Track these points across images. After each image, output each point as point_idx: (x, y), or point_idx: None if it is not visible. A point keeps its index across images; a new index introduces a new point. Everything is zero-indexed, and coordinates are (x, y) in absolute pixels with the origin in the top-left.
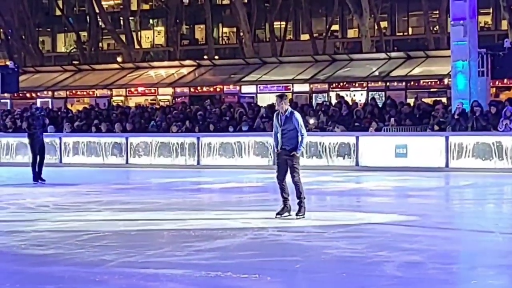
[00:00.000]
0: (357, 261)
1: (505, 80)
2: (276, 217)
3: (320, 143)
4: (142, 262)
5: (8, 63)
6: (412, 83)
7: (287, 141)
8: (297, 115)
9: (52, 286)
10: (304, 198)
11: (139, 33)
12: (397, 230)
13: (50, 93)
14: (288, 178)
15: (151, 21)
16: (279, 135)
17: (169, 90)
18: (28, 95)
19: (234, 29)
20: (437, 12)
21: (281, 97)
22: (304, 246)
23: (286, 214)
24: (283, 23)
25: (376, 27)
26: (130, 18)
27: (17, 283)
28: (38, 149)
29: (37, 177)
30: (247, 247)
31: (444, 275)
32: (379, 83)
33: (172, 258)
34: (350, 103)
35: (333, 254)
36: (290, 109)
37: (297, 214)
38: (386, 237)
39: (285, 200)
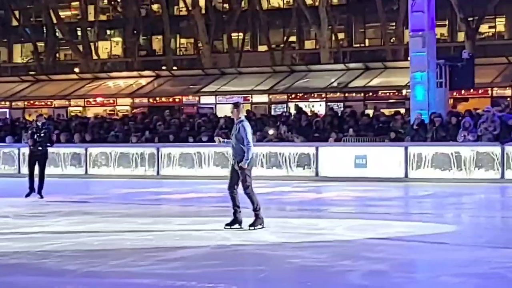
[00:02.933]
0: (322, 270)
1: (463, 91)
2: (225, 228)
3: (280, 153)
4: (106, 272)
5: None
6: (370, 94)
7: (236, 151)
8: (245, 124)
9: None
10: (259, 209)
11: (96, 43)
12: (360, 240)
13: (7, 103)
14: (240, 189)
15: (108, 31)
16: (232, 144)
17: (128, 101)
18: None
19: (192, 40)
20: (394, 23)
21: (235, 104)
22: (267, 256)
23: (237, 226)
24: (241, 34)
25: (334, 38)
26: (88, 28)
27: None
28: (33, 162)
29: (38, 190)
30: (211, 256)
31: (409, 284)
32: (338, 94)
33: (136, 268)
34: (309, 114)
35: (297, 263)
36: (242, 118)
37: (250, 225)
38: (350, 247)
39: (235, 211)
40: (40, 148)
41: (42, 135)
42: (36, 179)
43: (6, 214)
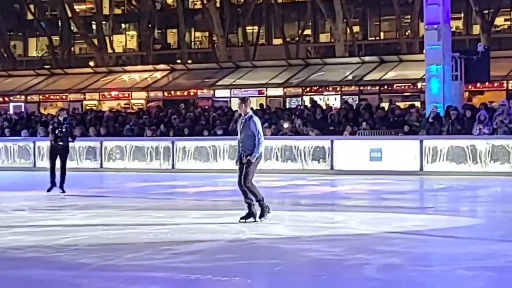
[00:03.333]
0: (336, 263)
1: (478, 84)
2: (240, 221)
3: (295, 146)
4: (121, 265)
5: None
6: (385, 87)
7: (246, 146)
8: (255, 119)
9: None
10: (263, 199)
11: (111, 37)
12: (374, 233)
13: (23, 97)
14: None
15: (123, 25)
16: (238, 140)
17: (143, 94)
18: (0, 99)
19: (207, 34)
20: (409, 16)
21: (242, 99)
22: (282, 249)
23: (251, 219)
24: (256, 27)
25: (348, 32)
26: (103, 22)
27: None
28: (54, 157)
29: (59, 185)
30: (226, 250)
31: (423, 277)
32: (353, 87)
33: (151, 261)
34: (324, 107)
35: (312, 256)
36: (250, 113)
37: (260, 217)
38: (364, 240)
39: (249, 205)
40: (61, 143)
41: (63, 130)
42: (58, 174)
43: (21, 207)
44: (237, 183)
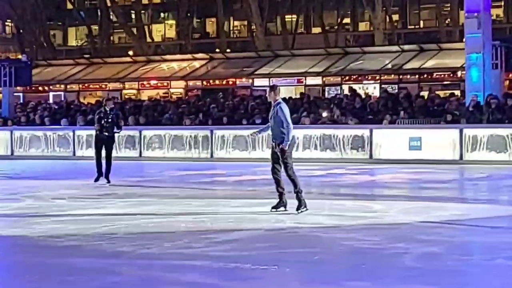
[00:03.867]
0: (375, 252)
1: None
2: (271, 210)
3: (333, 135)
4: (160, 253)
5: (20, 56)
6: (425, 75)
7: (276, 134)
8: (283, 106)
9: (72, 278)
10: (301, 191)
11: (150, 26)
12: (414, 222)
13: (62, 86)
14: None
15: (162, 14)
16: (270, 127)
17: (182, 83)
18: (40, 88)
19: (245, 23)
20: (449, 5)
21: (271, 87)
22: (321, 238)
23: (282, 209)
24: (294, 16)
25: (388, 20)
26: (142, 11)
27: (36, 274)
28: (100, 147)
29: (105, 175)
30: (265, 239)
31: (463, 266)
32: (392, 76)
33: (190, 249)
34: (363, 96)
35: (351, 245)
36: (279, 100)
37: (297, 209)
38: (403, 229)
39: (280, 194)
40: (106, 133)
41: (109, 120)
42: (104, 163)
43: (61, 196)
44: (270, 171)
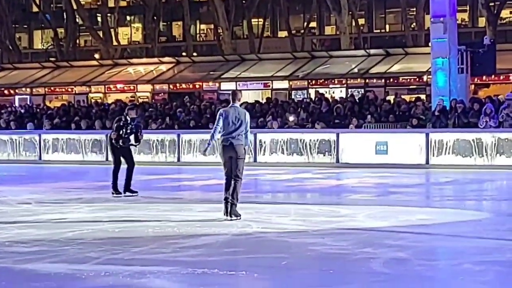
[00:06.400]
0: (343, 257)
1: (484, 77)
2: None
3: (300, 140)
4: (128, 259)
5: None
6: (391, 80)
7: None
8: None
9: (38, 284)
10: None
11: (116, 29)
12: (381, 227)
13: (28, 90)
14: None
15: (128, 18)
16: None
17: (148, 87)
18: (6, 91)
19: (212, 26)
20: (415, 9)
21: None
22: (289, 243)
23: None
24: (261, 20)
25: (354, 24)
26: (108, 14)
27: (3, 280)
28: (120, 158)
29: (125, 188)
30: (232, 244)
31: (431, 271)
32: (358, 80)
33: (157, 255)
34: (330, 100)
35: (318, 250)
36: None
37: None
38: (371, 234)
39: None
40: (122, 144)
41: (128, 131)
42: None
43: (27, 201)
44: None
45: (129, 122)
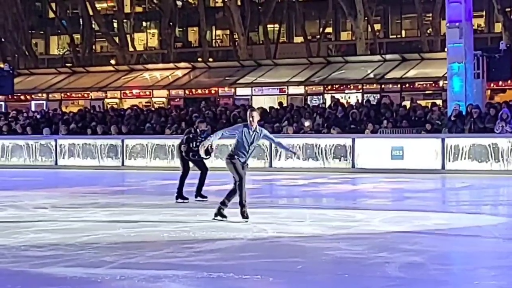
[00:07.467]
0: (358, 262)
1: (500, 82)
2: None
3: (316, 145)
4: (143, 263)
5: (2, 65)
6: (407, 85)
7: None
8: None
9: (53, 287)
10: (226, 205)
11: (132, 35)
12: (396, 232)
13: (44, 95)
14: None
15: (144, 23)
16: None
17: (164, 93)
18: (22, 97)
19: (228, 32)
20: (431, 14)
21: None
22: (304, 248)
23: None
24: (277, 25)
25: (370, 30)
26: (124, 20)
27: (18, 284)
28: (188, 165)
29: (197, 193)
30: (248, 248)
31: (446, 276)
32: (374, 85)
33: (173, 259)
34: (346, 106)
35: (333, 255)
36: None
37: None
38: (386, 239)
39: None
40: (192, 157)
41: (198, 143)
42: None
43: (43, 205)
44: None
45: (199, 134)
